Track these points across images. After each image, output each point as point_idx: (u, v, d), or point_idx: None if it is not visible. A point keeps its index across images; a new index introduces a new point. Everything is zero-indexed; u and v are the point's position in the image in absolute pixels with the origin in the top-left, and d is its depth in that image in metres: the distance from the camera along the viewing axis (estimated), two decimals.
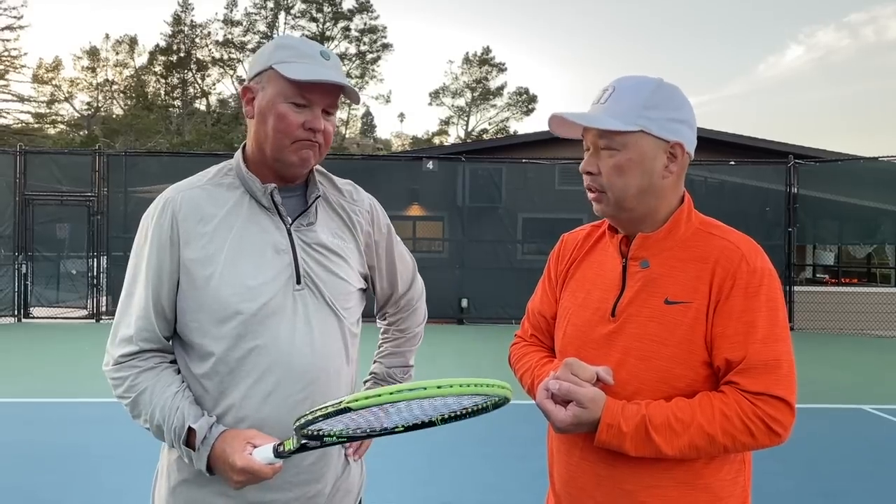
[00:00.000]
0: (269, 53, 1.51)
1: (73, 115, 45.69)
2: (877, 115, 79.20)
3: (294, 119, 1.48)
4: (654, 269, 1.45)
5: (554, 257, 1.70)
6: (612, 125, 1.40)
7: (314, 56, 1.50)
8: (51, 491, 4.22)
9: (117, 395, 1.50)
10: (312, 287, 1.53)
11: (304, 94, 1.48)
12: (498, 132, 50.35)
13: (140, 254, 1.52)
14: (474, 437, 5.49)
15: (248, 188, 1.54)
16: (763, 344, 1.35)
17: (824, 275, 16.60)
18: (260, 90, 1.51)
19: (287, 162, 1.52)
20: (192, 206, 1.51)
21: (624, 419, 1.34)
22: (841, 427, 6.06)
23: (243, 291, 1.46)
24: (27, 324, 12.43)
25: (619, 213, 1.47)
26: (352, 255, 1.63)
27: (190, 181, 1.58)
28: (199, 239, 1.49)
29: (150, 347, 1.49)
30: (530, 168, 13.44)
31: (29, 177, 12.79)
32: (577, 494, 1.49)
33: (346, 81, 1.51)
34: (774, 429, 1.33)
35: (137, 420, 1.49)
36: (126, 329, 1.49)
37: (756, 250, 1.43)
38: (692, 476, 1.40)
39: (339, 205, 1.66)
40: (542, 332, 1.70)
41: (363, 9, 46.04)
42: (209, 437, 1.41)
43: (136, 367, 1.48)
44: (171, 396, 1.44)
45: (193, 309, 1.48)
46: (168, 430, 1.43)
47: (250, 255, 1.49)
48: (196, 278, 1.47)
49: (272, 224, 1.53)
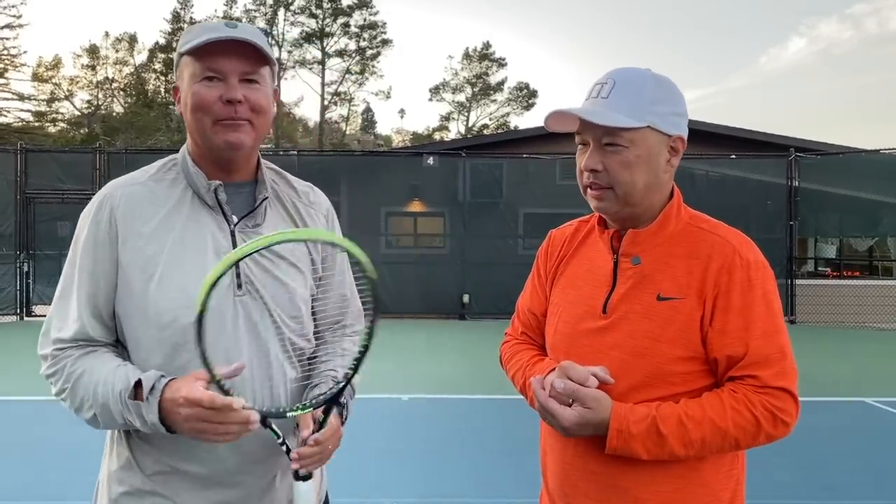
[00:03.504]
0: (179, 44, 1.43)
1: (73, 114, 45.65)
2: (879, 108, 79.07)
3: (207, 94, 1.38)
4: (646, 265, 1.44)
5: (542, 254, 1.69)
6: (624, 122, 1.38)
7: (217, 27, 1.39)
8: (55, 488, 4.23)
9: (56, 393, 1.40)
10: (254, 293, 1.43)
11: (210, 66, 1.37)
12: (498, 127, 50.25)
13: (76, 253, 1.42)
14: (472, 434, 5.50)
15: (191, 183, 1.45)
16: (764, 338, 1.36)
17: (826, 268, 16.57)
18: (180, 82, 1.44)
19: (215, 145, 1.41)
20: (132, 204, 1.41)
21: (633, 422, 1.34)
22: (843, 420, 6.06)
23: (182, 297, 1.35)
24: (29, 322, 12.44)
25: (624, 209, 1.45)
26: (303, 260, 1.52)
27: (131, 176, 1.48)
28: (138, 239, 1.39)
29: (85, 344, 1.41)
30: (531, 163, 13.43)
31: (30, 175, 12.80)
32: (571, 492, 1.49)
33: (248, 36, 1.37)
34: (784, 419, 1.35)
35: (80, 412, 1.37)
36: (61, 333, 1.40)
37: (747, 243, 1.43)
38: (687, 470, 1.40)
39: (292, 205, 1.56)
40: (532, 330, 1.69)
41: (362, 5, 45.92)
42: (157, 385, 1.30)
43: (70, 355, 1.39)
44: (113, 369, 1.34)
45: (130, 314, 1.39)
46: (114, 399, 1.31)
47: (191, 258, 1.39)
48: (133, 282, 1.38)
49: (215, 224, 1.44)
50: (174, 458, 1.41)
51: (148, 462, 1.43)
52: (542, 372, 1.47)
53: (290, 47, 45.31)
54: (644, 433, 1.33)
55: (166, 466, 1.42)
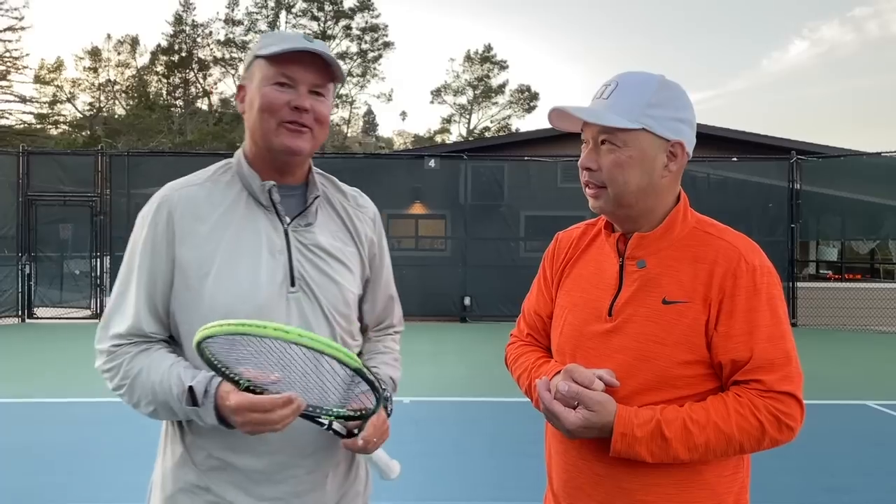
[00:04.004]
0: (254, 47, 1.50)
1: (75, 116, 45.70)
2: (880, 111, 79.08)
3: (277, 97, 1.44)
4: (652, 268, 1.44)
5: (549, 256, 1.69)
6: (616, 122, 1.39)
7: (295, 38, 1.46)
8: (55, 491, 4.23)
9: (113, 388, 1.46)
10: (307, 290, 1.49)
11: (284, 72, 1.44)
12: (500, 130, 50.31)
13: (134, 253, 1.48)
14: (478, 436, 5.50)
15: (246, 185, 1.51)
16: (769, 342, 1.35)
17: (827, 271, 16.56)
18: (248, 83, 1.50)
19: (275, 147, 1.47)
20: (189, 205, 1.47)
21: (637, 425, 1.34)
22: (844, 423, 6.06)
23: (237, 293, 1.42)
24: (31, 324, 12.47)
25: (617, 209, 1.46)
26: (353, 260, 1.59)
27: (187, 179, 1.54)
28: (195, 238, 1.45)
29: (140, 340, 1.46)
30: (532, 166, 13.44)
31: (32, 178, 12.83)
32: (575, 493, 1.49)
33: (325, 51, 1.45)
34: (788, 423, 1.34)
35: (138, 408, 1.44)
36: (118, 328, 1.45)
37: (753, 248, 1.43)
38: (691, 473, 1.40)
39: (342, 208, 1.62)
40: (538, 332, 1.69)
41: (364, 7, 46.01)
42: (210, 388, 1.36)
43: (127, 352, 1.44)
44: (167, 369, 1.40)
45: (185, 310, 1.44)
46: (173, 400, 1.38)
47: (246, 256, 1.45)
48: (190, 278, 1.43)
49: (269, 223, 1.49)
50: (226, 452, 1.46)
51: (201, 457, 1.47)
52: (548, 374, 1.47)
53: None
54: (648, 437, 1.33)
55: (218, 461, 1.46)
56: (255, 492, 1.46)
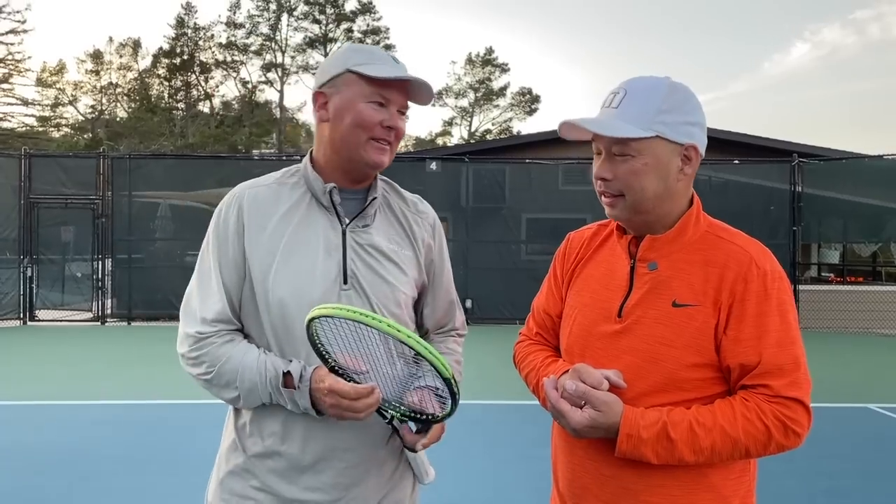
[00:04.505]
0: (343, 58, 1.56)
1: (77, 119, 45.80)
2: (882, 113, 79.01)
3: (374, 116, 1.53)
4: (663, 271, 1.45)
5: (560, 256, 1.69)
6: (628, 132, 1.39)
7: (388, 59, 1.56)
8: (57, 493, 4.23)
9: (198, 374, 1.53)
10: (359, 289, 1.56)
11: (383, 93, 1.54)
12: (501, 132, 50.29)
13: (210, 244, 1.58)
14: (479, 438, 5.49)
15: (310, 187, 1.59)
16: (778, 348, 1.35)
17: (829, 273, 16.54)
18: (335, 94, 1.56)
19: (364, 160, 1.56)
20: (258, 202, 1.57)
21: (644, 427, 1.34)
22: (846, 426, 6.04)
23: (293, 288, 1.51)
24: (33, 326, 12.47)
25: (635, 216, 1.46)
26: (408, 262, 1.65)
27: (258, 179, 1.64)
28: (261, 233, 1.54)
29: (227, 329, 1.54)
30: (534, 168, 13.42)
31: (34, 180, 12.84)
32: (581, 493, 1.49)
33: (426, 83, 1.57)
34: (795, 429, 1.35)
35: (223, 391, 1.52)
36: (205, 312, 1.53)
37: (765, 253, 1.43)
38: (697, 475, 1.40)
39: (401, 212, 1.69)
40: (547, 331, 1.70)
41: (366, 10, 46.05)
42: (305, 374, 1.46)
43: (213, 342, 1.52)
44: (256, 358, 1.49)
45: (249, 302, 1.54)
46: (264, 385, 1.47)
47: (303, 253, 1.54)
48: (254, 270, 1.53)
49: (328, 223, 1.57)
50: (272, 439, 1.54)
51: (249, 443, 1.56)
52: (556, 373, 1.48)
53: (293, 53, 45.44)
54: (654, 438, 1.34)
55: (265, 449, 1.54)
56: (296, 480, 1.53)
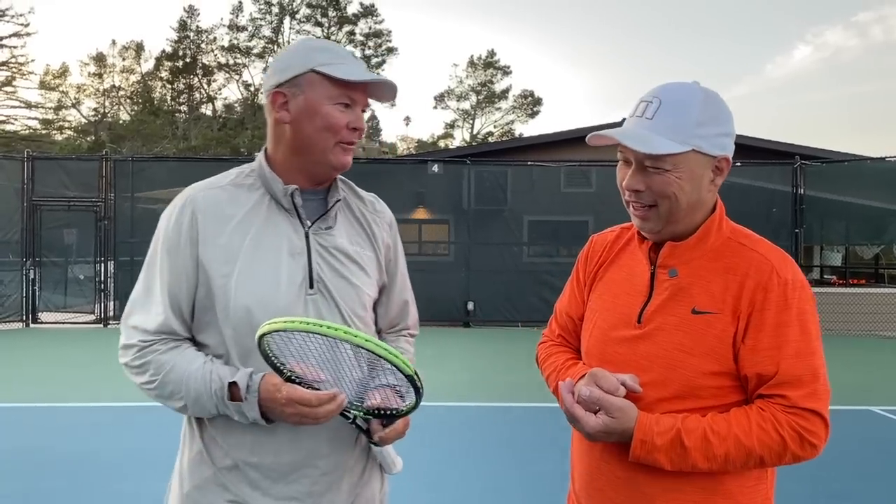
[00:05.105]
0: (304, 57, 1.49)
1: (80, 121, 45.94)
2: (884, 115, 78.94)
3: (341, 119, 1.50)
4: (683, 277, 1.43)
5: (583, 259, 1.68)
6: (667, 148, 1.35)
7: (350, 57, 1.52)
8: (60, 496, 4.23)
9: (142, 383, 1.47)
10: (325, 293, 1.52)
11: (350, 94, 1.50)
12: (503, 135, 50.30)
13: (157, 252, 1.50)
14: (477, 441, 5.49)
15: (269, 189, 1.53)
16: (796, 358, 1.34)
17: (832, 275, 16.51)
18: (298, 94, 1.49)
19: (329, 163, 1.53)
20: (213, 206, 1.49)
21: (658, 433, 1.33)
22: (849, 428, 6.02)
23: (258, 294, 1.45)
24: (35, 329, 12.49)
25: (668, 226, 1.44)
26: (370, 263, 1.62)
27: (210, 181, 1.56)
28: (218, 238, 1.47)
29: (171, 338, 1.48)
30: (535, 170, 13.41)
31: (36, 183, 12.88)
32: (596, 496, 1.49)
33: (394, 83, 1.55)
34: (811, 441, 1.34)
35: (169, 401, 1.46)
36: (146, 324, 1.47)
37: (787, 262, 1.40)
38: (713, 482, 1.39)
39: (360, 213, 1.66)
40: (569, 333, 1.69)
41: (368, 13, 46.12)
42: (252, 384, 1.40)
43: (157, 349, 1.46)
44: (201, 366, 1.44)
45: (208, 310, 1.47)
46: (209, 395, 1.41)
47: (267, 258, 1.48)
48: (212, 279, 1.46)
49: (290, 226, 1.52)
50: (243, 451, 1.48)
51: (219, 455, 1.50)
52: (574, 376, 1.47)
53: None
54: (668, 445, 1.33)
55: (234, 461, 1.49)
56: (270, 490, 1.49)
